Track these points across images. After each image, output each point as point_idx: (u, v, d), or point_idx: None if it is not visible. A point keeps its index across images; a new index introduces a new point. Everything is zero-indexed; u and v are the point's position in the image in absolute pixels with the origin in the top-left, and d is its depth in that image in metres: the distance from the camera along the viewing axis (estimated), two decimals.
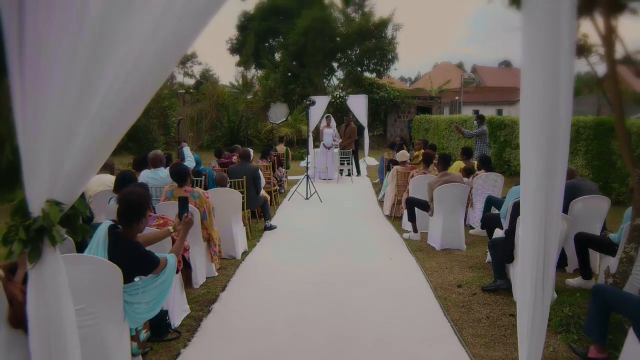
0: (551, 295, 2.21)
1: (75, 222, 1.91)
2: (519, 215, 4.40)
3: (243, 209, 6.86)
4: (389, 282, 5.13)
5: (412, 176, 7.45)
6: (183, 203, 3.55)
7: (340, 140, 13.56)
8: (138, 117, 1.85)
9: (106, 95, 1.77)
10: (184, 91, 26.66)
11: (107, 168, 6.24)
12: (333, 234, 7.35)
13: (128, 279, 2.93)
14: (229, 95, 26.31)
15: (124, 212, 3.06)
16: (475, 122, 11.61)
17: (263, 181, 8.15)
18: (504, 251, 4.64)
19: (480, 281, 5.06)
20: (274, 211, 9.04)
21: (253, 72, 30.64)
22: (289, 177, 13.03)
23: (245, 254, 6.21)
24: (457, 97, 29.81)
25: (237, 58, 30.63)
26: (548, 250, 2.07)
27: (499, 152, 14.00)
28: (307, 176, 10.41)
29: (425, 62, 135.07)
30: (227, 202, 5.91)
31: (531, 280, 2.12)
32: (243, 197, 6.85)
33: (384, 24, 24.16)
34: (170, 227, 3.54)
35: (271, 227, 7.50)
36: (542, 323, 2.22)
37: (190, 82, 27.85)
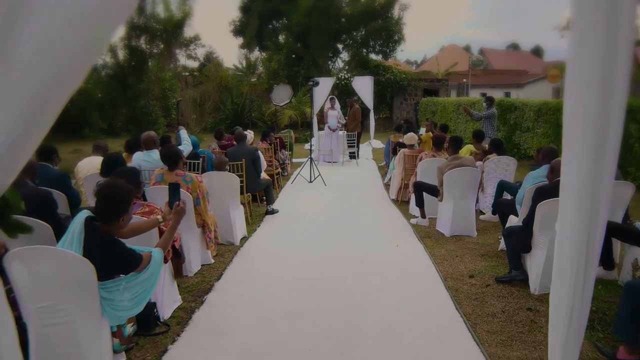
0: (591, 296, 1.88)
1: (7, 216, 1.56)
2: (538, 202, 4.06)
3: (242, 193, 6.55)
4: (396, 271, 4.81)
5: (421, 159, 7.09)
6: (174, 189, 3.20)
7: (345, 122, 13.18)
8: (74, 90, 1.45)
9: (29, 64, 1.36)
10: (187, 74, 26.24)
11: (100, 150, 5.91)
12: (337, 218, 7.03)
13: (106, 276, 2.62)
14: (233, 77, 25.88)
15: (103, 208, 2.70)
16: (484, 104, 11.18)
17: (264, 163, 7.82)
18: (520, 240, 4.30)
19: (494, 271, 4.74)
20: (277, 194, 8.73)
21: (257, 55, 30.17)
22: (295, 160, 12.71)
23: (244, 239, 5.91)
24: (464, 80, 29.20)
25: (240, 40, 30.15)
26: (591, 245, 1.73)
27: (508, 135, 13.59)
28: (311, 159, 10.06)
29: (431, 45, 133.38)
30: (224, 186, 5.59)
31: (569, 280, 1.79)
32: (242, 180, 6.54)
33: (390, 3, 23.52)
34: (159, 217, 3.19)
35: (273, 212, 7.19)
36: (580, 328, 1.90)
37: (194, 64, 27.44)
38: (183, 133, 6.00)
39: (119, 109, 13.02)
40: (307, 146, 15.92)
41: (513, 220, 5.17)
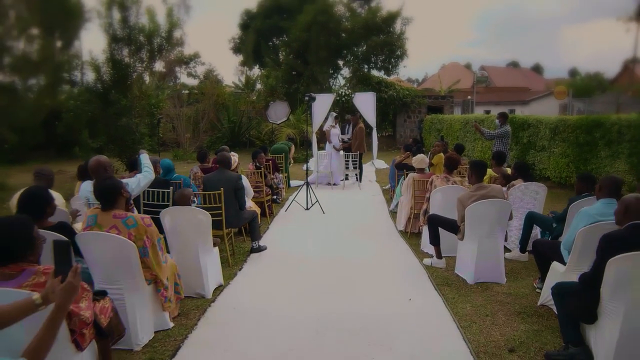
0: None
1: None
2: (609, 255, 2.93)
3: (220, 228, 5.44)
4: (411, 342, 3.63)
5: (433, 183, 5.97)
6: (61, 251, 2.09)
7: (347, 139, 12.11)
8: None
9: None
10: (187, 91, 25.41)
11: (42, 179, 4.78)
12: (335, 257, 5.89)
13: None
14: (230, 94, 24.95)
15: None
16: (497, 121, 10.09)
17: (251, 191, 6.72)
18: (580, 306, 3.17)
19: (540, 340, 3.59)
20: (268, 224, 7.61)
21: (257, 72, 29.39)
22: (293, 183, 11.62)
23: (219, 289, 4.76)
24: (469, 97, 28.25)
25: (240, 57, 29.43)
26: None
27: (521, 155, 12.51)
28: (307, 183, 8.95)
29: (432, 63, 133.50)
30: (190, 224, 4.47)
31: None
32: (221, 214, 5.43)
33: (392, 17, 22.66)
34: (36, 296, 2.06)
35: (259, 249, 6.04)
36: None
37: (194, 82, 26.61)
38: (144, 158, 4.90)
39: (105, 128, 11.97)
40: (305, 167, 14.91)
41: (558, 269, 4.04)
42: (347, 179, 12.12)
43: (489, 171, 6.97)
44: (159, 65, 18.99)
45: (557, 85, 29.74)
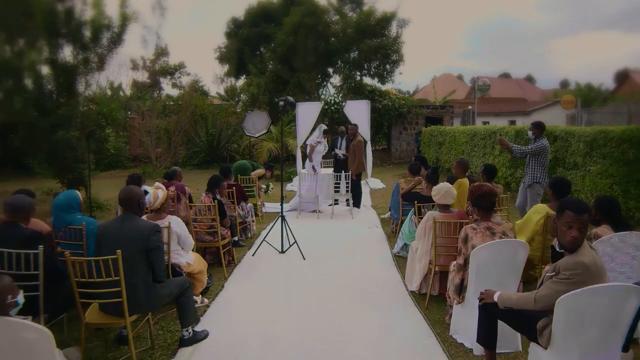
0: None
1: None
2: None
3: (121, 315, 3.19)
4: None
5: (468, 240, 3.71)
6: None
7: (343, 155, 9.92)
8: None
9: None
10: (172, 102, 23.26)
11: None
12: (316, 353, 3.64)
13: None
14: (210, 105, 22.78)
15: None
16: (529, 132, 7.81)
17: (188, 241, 4.44)
18: None
19: None
20: (224, 280, 5.35)
21: (242, 82, 27.37)
22: (269, 205, 9.46)
23: None
24: (469, 107, 26.26)
25: (226, 67, 27.50)
26: None
27: (547, 174, 10.38)
28: (282, 217, 6.66)
29: (422, 75, 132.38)
30: (12, 349, 2.20)
31: None
32: (121, 292, 3.17)
33: (387, 19, 20.61)
34: None
35: (195, 339, 3.76)
36: None
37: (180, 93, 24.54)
38: None
39: (41, 142, 9.73)
40: (291, 186, 12.76)
41: None
42: (336, 203, 9.92)
43: (541, 208, 4.79)
44: (141, 75, 16.91)
45: (564, 95, 27.95)
